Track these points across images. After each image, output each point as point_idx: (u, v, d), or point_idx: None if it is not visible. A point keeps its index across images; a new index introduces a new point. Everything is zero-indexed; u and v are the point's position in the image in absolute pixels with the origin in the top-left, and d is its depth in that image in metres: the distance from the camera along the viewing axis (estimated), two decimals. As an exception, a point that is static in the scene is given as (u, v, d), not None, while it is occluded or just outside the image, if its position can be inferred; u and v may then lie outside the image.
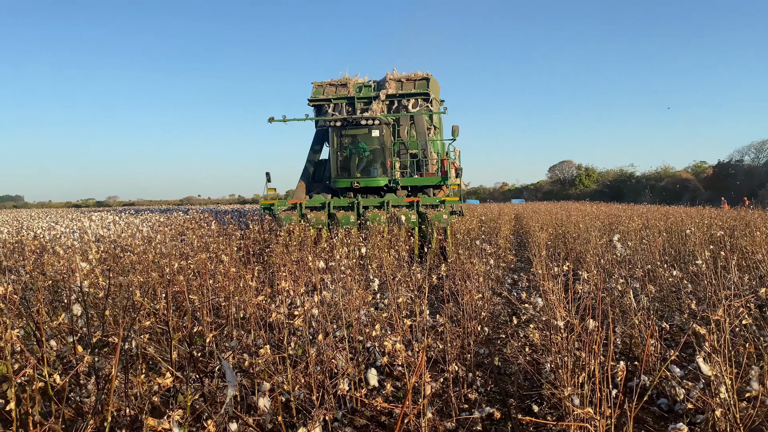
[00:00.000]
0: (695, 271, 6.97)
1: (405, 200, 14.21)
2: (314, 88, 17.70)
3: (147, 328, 4.77)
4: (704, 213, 16.83)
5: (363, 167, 15.60)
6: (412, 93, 16.77)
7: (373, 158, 15.61)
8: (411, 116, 16.53)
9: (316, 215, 14.10)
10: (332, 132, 15.50)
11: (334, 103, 17.16)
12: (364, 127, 15.12)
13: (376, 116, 15.11)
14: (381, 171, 15.41)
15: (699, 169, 74.02)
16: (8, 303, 4.15)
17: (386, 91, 16.94)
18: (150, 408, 3.46)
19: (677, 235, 11.30)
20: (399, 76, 17.22)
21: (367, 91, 17.21)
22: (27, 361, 3.04)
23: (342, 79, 17.52)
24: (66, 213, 34.74)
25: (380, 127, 15.13)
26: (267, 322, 5.35)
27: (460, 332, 5.37)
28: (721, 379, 2.98)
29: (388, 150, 15.53)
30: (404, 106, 16.89)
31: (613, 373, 2.76)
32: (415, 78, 17.18)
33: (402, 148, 16.37)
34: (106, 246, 9.44)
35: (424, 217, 13.43)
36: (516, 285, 9.32)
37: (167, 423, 2.11)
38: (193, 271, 6.50)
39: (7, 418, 2.94)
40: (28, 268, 6.48)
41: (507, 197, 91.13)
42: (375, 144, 15.44)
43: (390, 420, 4.16)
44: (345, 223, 13.69)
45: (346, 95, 17.15)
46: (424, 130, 16.36)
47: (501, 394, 4.79)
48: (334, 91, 17.33)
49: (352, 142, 15.56)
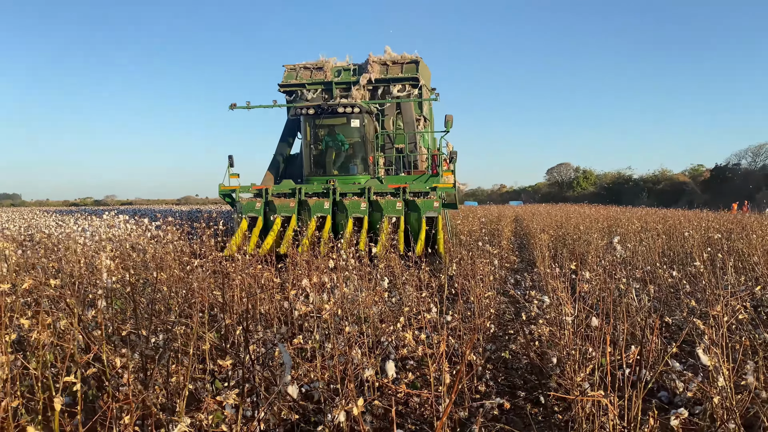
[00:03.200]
0: (693, 272, 7.23)
1: (389, 186, 12.12)
2: (286, 71, 15.56)
3: (172, 322, 5.02)
4: (702, 216, 17.11)
5: (341, 163, 13.51)
6: (398, 78, 14.64)
7: (352, 152, 13.46)
8: (397, 104, 14.51)
9: (282, 202, 12.04)
10: (305, 121, 13.34)
11: (309, 89, 15.12)
12: (341, 116, 12.93)
13: (356, 103, 13.04)
14: (362, 168, 13.34)
15: (696, 173, 74.51)
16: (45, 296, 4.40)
17: (369, 75, 14.79)
18: (187, 395, 3.70)
19: (676, 238, 11.58)
20: (384, 58, 15.08)
21: (346, 75, 15.07)
22: (76, 348, 3.28)
23: (318, 62, 15.41)
24: (67, 211, 34.93)
25: (361, 116, 12.98)
26: (284, 318, 5.61)
27: (470, 328, 5.63)
28: (719, 369, 3.23)
29: (370, 143, 13.41)
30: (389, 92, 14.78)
31: (625, 361, 3.01)
32: (403, 61, 14.95)
33: (387, 141, 14.45)
34: (117, 244, 9.66)
35: (412, 206, 11.66)
36: (519, 285, 9.57)
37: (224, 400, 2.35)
38: (211, 269, 6.73)
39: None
40: (51, 264, 6.72)
41: (505, 199, 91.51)
42: (355, 136, 13.25)
43: (406, 409, 4.41)
44: (317, 211, 11.78)
45: (323, 80, 15.06)
46: (412, 120, 14.42)
47: (510, 386, 5.05)
48: (309, 76, 15.25)
49: (328, 134, 13.40)
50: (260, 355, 4.22)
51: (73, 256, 7.35)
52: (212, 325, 5.17)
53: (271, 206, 12.03)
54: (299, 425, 3.73)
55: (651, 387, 4.78)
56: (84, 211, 36.39)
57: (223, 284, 5.71)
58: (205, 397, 3.22)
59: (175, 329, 4.25)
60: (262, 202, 12.06)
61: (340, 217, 11.83)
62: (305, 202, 11.98)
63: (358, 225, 11.56)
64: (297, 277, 6.37)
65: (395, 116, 14.72)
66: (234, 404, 2.47)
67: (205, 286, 5.61)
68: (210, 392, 3.81)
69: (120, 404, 2.93)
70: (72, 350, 2.78)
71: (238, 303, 5.32)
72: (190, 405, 3.70)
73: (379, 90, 14.93)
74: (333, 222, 11.78)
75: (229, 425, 2.61)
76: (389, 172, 14.15)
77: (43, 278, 4.81)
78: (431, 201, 11.54)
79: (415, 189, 12.11)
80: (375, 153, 13.65)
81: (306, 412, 3.80)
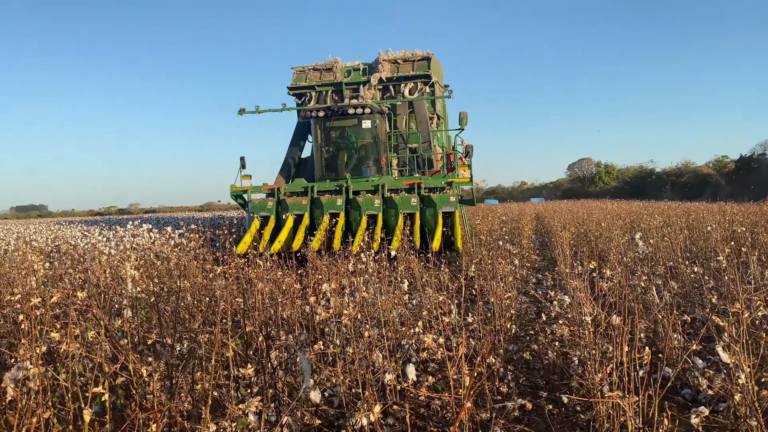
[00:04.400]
0: (716, 267, 7.16)
1: (404, 183, 11.95)
2: (295, 74, 15.28)
3: (196, 330, 5.12)
4: (725, 209, 16.88)
5: (353, 165, 13.20)
6: (410, 76, 14.36)
7: (364, 154, 13.22)
8: (410, 103, 14.22)
9: (295, 200, 11.94)
10: (315, 124, 13.14)
11: (319, 90, 14.84)
12: (352, 117, 12.67)
13: (367, 104, 12.82)
14: (375, 169, 13.07)
15: (720, 164, 73.29)
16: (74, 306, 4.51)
17: (379, 74, 14.54)
18: (211, 402, 3.79)
19: (699, 232, 11.44)
20: (394, 56, 14.84)
21: (356, 75, 14.83)
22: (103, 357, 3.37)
23: (327, 63, 15.16)
24: (92, 221, 35.54)
25: (372, 116, 12.76)
26: (305, 323, 5.68)
27: (491, 330, 5.64)
28: (740, 366, 3.22)
29: (382, 144, 13.23)
30: (401, 91, 14.51)
31: (639, 362, 3.02)
32: (414, 58, 14.68)
33: (400, 142, 14.18)
34: (141, 253, 9.83)
35: (427, 202, 11.41)
36: (540, 284, 9.55)
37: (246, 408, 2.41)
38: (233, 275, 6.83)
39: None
40: (78, 276, 6.87)
41: (526, 196, 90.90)
42: (366, 137, 13.04)
43: (428, 411, 4.45)
44: (330, 207, 11.64)
45: (333, 81, 14.81)
46: (425, 118, 14.10)
47: (532, 387, 5.05)
48: (318, 77, 14.97)
49: (339, 136, 13.19)
50: (283, 360, 4.29)
51: (99, 266, 7.51)
52: (235, 332, 5.26)
53: (283, 205, 11.96)
54: (322, 430, 3.79)
55: (674, 385, 4.76)
56: (108, 221, 36.98)
57: (244, 291, 5.81)
58: (229, 403, 3.29)
59: (199, 337, 4.34)
60: (274, 201, 12.02)
61: (353, 214, 11.71)
62: (318, 199, 11.86)
63: (373, 223, 11.43)
64: (318, 282, 6.45)
65: (408, 116, 14.47)
66: (257, 410, 2.53)
67: (228, 293, 5.71)
68: (234, 399, 3.89)
69: (147, 414, 3.01)
70: (100, 360, 2.87)
71: (260, 309, 5.40)
72: (215, 411, 3.78)
73: (391, 89, 14.68)
74: (346, 219, 11.66)
75: (253, 431, 2.67)
76: (403, 173, 13.92)
77: (70, 290, 4.94)
78: (447, 196, 11.34)
79: (430, 185, 11.92)
80: (388, 154, 13.49)
81: (328, 417, 3.86)
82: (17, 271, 6.77)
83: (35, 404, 2.71)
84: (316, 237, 10.38)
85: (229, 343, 3.69)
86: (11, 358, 4.27)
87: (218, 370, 4.32)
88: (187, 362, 4.13)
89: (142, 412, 2.99)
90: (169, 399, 3.39)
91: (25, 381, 2.77)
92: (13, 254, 9.95)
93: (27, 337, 2.92)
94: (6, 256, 10.21)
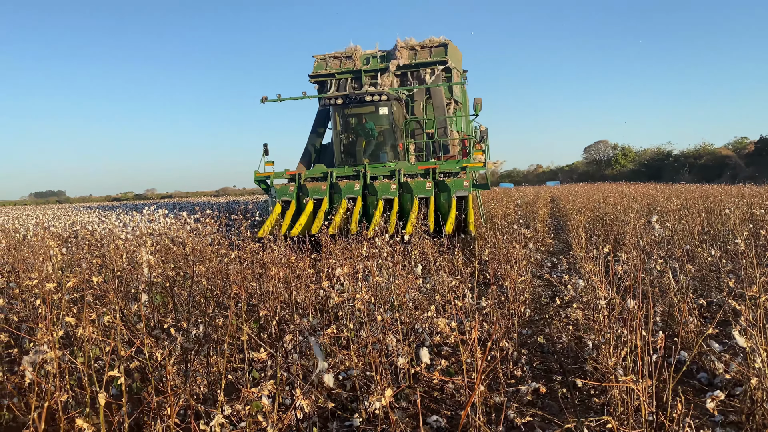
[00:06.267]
0: (734, 251, 7.08)
1: (419, 168, 12.24)
2: (316, 62, 15.63)
3: (211, 315, 5.17)
4: (744, 191, 16.65)
5: (371, 151, 13.59)
6: (427, 62, 14.62)
7: (382, 140, 13.54)
8: (427, 89, 14.46)
9: (315, 185, 12.35)
10: (334, 111, 13.52)
11: (339, 78, 15.20)
12: (369, 104, 13.00)
13: (383, 91, 13.13)
14: (392, 155, 13.41)
15: (740, 146, 72.12)
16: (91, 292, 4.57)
17: (397, 61, 14.83)
18: (225, 384, 3.83)
19: (717, 214, 11.31)
20: (412, 43, 15.13)
21: (375, 62, 15.13)
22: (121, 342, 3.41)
23: (347, 51, 15.50)
24: (109, 207, 35.92)
25: (389, 103, 13.06)
26: (319, 307, 5.71)
27: (504, 314, 5.63)
28: (757, 350, 3.19)
29: (399, 130, 13.51)
30: (420, 77, 14.79)
31: (653, 346, 3.00)
32: (431, 45, 14.94)
33: (417, 128, 14.46)
34: (157, 238, 9.92)
35: (442, 186, 11.74)
36: (555, 268, 9.51)
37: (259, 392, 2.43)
38: (248, 260, 6.87)
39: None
40: (95, 261, 6.95)
41: (542, 180, 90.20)
42: (384, 123, 13.35)
43: (441, 394, 4.46)
44: (348, 192, 12.02)
45: (352, 68, 15.12)
46: (442, 104, 14.31)
47: (545, 371, 5.05)
48: (338, 65, 15.34)
49: (357, 123, 13.59)
50: (297, 344, 4.32)
51: (115, 251, 7.58)
52: (250, 316, 5.30)
53: (304, 190, 12.35)
54: (335, 413, 3.82)
55: (690, 368, 4.73)
56: (125, 206, 37.34)
57: (260, 275, 5.85)
58: (243, 387, 3.32)
59: (214, 321, 4.38)
60: (294, 186, 12.40)
61: (370, 199, 12.05)
62: (336, 184, 12.21)
63: (389, 207, 11.78)
64: (332, 266, 6.46)
65: (425, 102, 14.67)
66: (271, 394, 2.55)
67: (242, 277, 5.74)
68: (248, 382, 3.92)
69: (162, 397, 3.05)
70: (116, 344, 2.91)
71: (274, 293, 5.43)
72: (230, 395, 3.82)
73: (409, 75, 14.90)
74: (364, 203, 12.02)
75: (267, 414, 2.70)
76: (420, 158, 14.16)
77: (86, 275, 5.00)
78: (461, 180, 11.67)
79: (445, 169, 12.23)
80: (405, 140, 13.78)
81: (342, 400, 3.89)
82: (35, 257, 6.86)
83: (53, 387, 2.75)
84: (334, 220, 10.74)
85: (244, 327, 3.72)
86: (30, 342, 4.34)
87: (233, 353, 4.37)
88: (202, 346, 4.17)
89: (157, 395, 3.03)
90: (184, 382, 3.43)
91: (42, 364, 2.82)
92: (31, 239, 10.08)
93: (44, 321, 2.96)
94: (25, 242, 10.35)
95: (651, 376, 3.01)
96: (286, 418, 2.78)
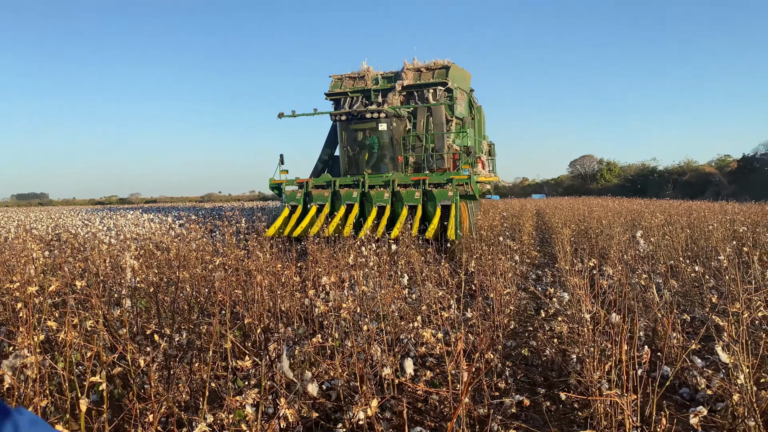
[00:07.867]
0: (717, 267, 7.14)
1: (412, 179, 13.58)
2: (332, 81, 17.21)
3: (195, 321, 5.11)
4: (727, 208, 16.85)
5: (372, 163, 15.10)
6: (429, 83, 16.02)
7: (383, 153, 15.10)
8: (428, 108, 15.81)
9: (319, 192, 13.88)
10: (340, 127, 15.24)
11: (351, 96, 16.63)
12: (370, 121, 14.56)
13: (382, 109, 14.56)
14: (391, 167, 14.91)
15: (723, 163, 72.96)
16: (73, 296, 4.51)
17: (403, 82, 16.27)
18: (208, 393, 3.78)
19: (700, 231, 11.42)
20: (417, 65, 16.63)
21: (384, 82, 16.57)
22: (102, 347, 3.36)
23: (360, 71, 17.03)
24: (93, 210, 35.53)
25: (388, 120, 14.58)
26: (304, 316, 5.67)
27: (490, 325, 5.64)
28: (739, 366, 3.21)
29: (398, 144, 14.97)
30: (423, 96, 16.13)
31: (638, 360, 3.01)
32: (434, 67, 16.43)
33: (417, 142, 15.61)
34: (141, 243, 9.82)
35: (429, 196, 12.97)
36: (540, 280, 9.54)
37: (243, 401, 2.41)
38: (233, 267, 6.82)
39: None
40: (78, 265, 6.86)
41: (527, 192, 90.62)
42: (384, 138, 14.93)
43: (426, 406, 4.44)
44: (347, 199, 13.40)
45: (363, 88, 16.57)
46: (442, 122, 15.70)
47: (530, 383, 5.05)
48: (352, 84, 16.82)
49: (363, 137, 15.14)
50: (281, 353, 4.28)
51: (99, 256, 7.50)
52: (234, 323, 5.25)
53: (310, 196, 13.86)
54: (319, 423, 3.79)
55: (673, 383, 4.75)
56: (109, 209, 37.00)
57: (245, 282, 5.80)
58: (226, 395, 3.29)
59: (198, 328, 4.34)
60: (302, 193, 13.95)
61: (367, 205, 13.32)
62: (338, 192, 13.65)
63: (382, 213, 13.02)
64: (318, 275, 6.43)
65: (425, 119, 15.91)
66: (254, 402, 2.52)
67: (227, 284, 5.69)
68: (232, 390, 3.88)
69: (144, 404, 3.01)
70: (98, 349, 2.87)
71: (259, 301, 5.39)
72: (213, 402, 3.78)
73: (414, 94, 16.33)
74: (360, 209, 13.31)
75: (250, 423, 2.67)
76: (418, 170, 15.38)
77: (69, 278, 4.93)
78: (446, 191, 12.87)
79: (434, 181, 13.43)
80: (404, 153, 15.10)
81: (326, 410, 3.86)
82: (17, 259, 6.76)
83: (32, 392, 2.70)
84: (330, 224, 11.79)
85: (228, 334, 3.68)
86: (9, 345, 4.27)
87: (216, 361, 4.32)
88: (185, 353, 4.12)
89: (139, 402, 2.98)
90: (166, 389, 3.39)
91: (22, 369, 2.77)
92: (13, 242, 9.94)
93: (25, 325, 2.92)
94: (6, 244, 10.20)
95: (636, 390, 3.02)
96: (270, 427, 2.75)
